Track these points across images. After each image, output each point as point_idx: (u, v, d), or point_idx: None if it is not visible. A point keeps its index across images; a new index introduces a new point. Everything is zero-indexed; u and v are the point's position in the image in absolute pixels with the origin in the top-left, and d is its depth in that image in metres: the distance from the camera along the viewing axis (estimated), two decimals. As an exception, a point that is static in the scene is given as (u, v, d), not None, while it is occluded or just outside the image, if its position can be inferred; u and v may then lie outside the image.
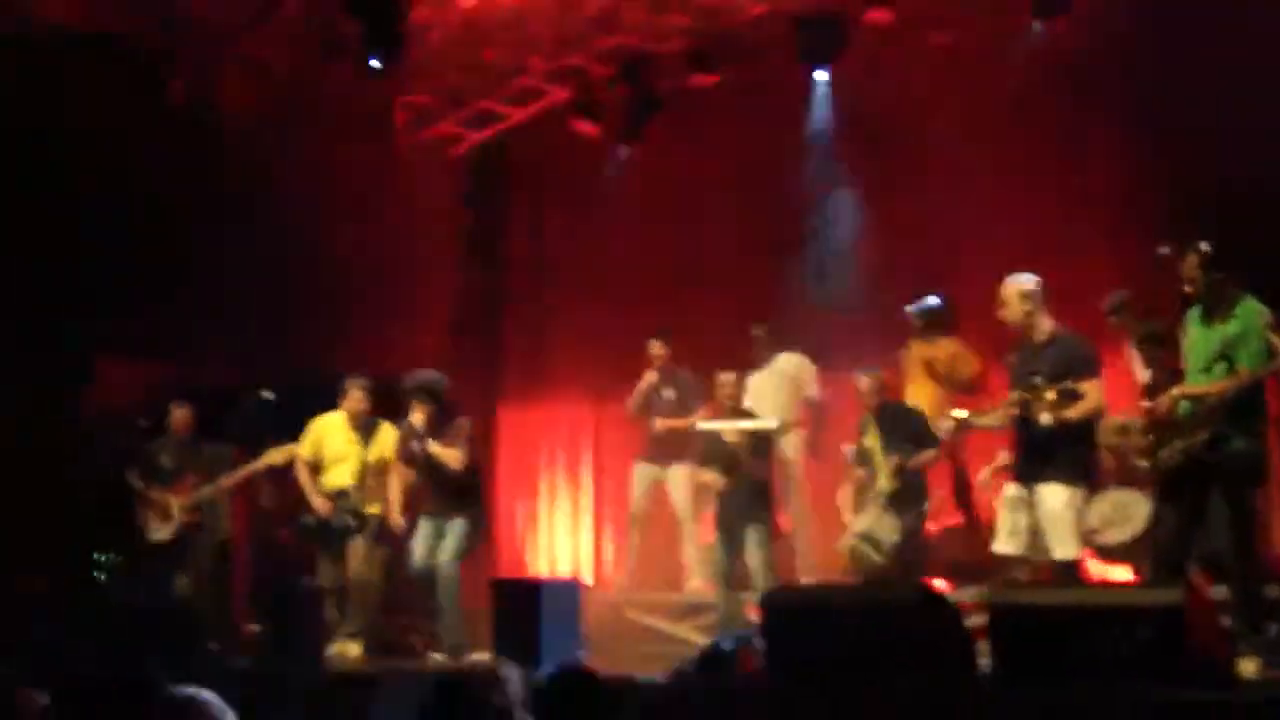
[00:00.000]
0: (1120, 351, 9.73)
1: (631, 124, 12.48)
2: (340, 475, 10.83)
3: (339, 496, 10.72)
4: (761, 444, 10.23)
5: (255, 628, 10.94)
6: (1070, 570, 8.35)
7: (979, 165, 11.08)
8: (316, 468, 10.89)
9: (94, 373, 12.25)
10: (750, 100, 12.36)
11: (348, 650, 10.36)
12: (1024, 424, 8.44)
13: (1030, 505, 8.43)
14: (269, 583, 11.28)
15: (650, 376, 12.09)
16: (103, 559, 12.05)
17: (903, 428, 9.82)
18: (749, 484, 10.14)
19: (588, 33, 12.23)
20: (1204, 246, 7.79)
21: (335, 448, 10.90)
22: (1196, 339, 7.89)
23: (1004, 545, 8.55)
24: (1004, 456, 9.22)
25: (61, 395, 11.95)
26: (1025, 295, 8.50)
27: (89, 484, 11.45)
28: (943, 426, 9.33)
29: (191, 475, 11.41)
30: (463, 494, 10.46)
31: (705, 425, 10.52)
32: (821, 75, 11.97)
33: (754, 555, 10.04)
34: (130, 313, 11.88)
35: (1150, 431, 8.05)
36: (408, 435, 10.43)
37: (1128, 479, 9.49)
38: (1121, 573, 9.39)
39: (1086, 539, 9.43)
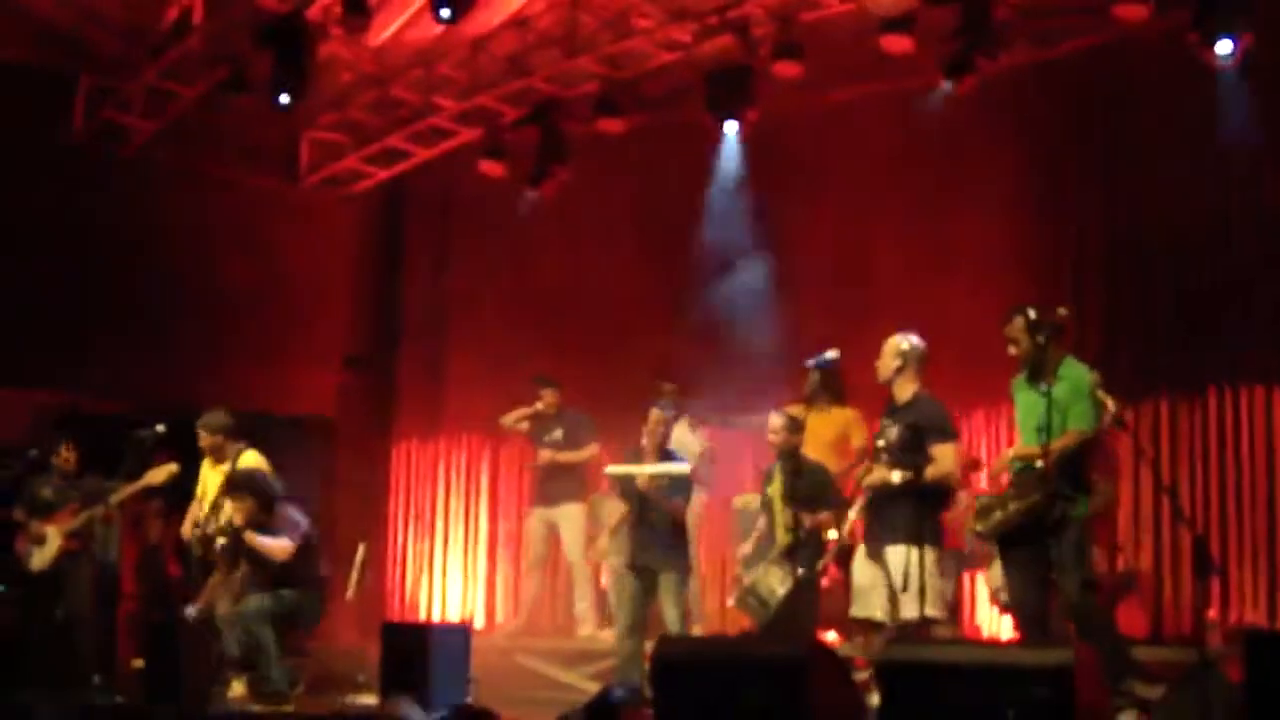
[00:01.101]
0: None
1: (538, 167, 12.46)
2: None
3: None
4: (679, 486, 10.12)
5: (139, 662, 10.76)
6: (915, 629, 8.36)
7: (884, 217, 11.17)
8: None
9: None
10: (658, 147, 12.42)
11: (234, 689, 10.18)
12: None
13: (881, 567, 8.53)
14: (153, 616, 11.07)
15: (537, 406, 12.09)
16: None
17: (805, 482, 9.76)
18: (666, 526, 10.03)
19: (498, 75, 12.22)
20: (1030, 311, 7.95)
21: (206, 481, 10.84)
22: (1025, 402, 8.05)
23: (857, 609, 8.65)
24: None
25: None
26: (898, 353, 8.62)
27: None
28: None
29: (73, 505, 11.27)
30: (288, 573, 10.06)
31: (614, 470, 10.41)
32: (730, 125, 12.00)
33: (669, 604, 9.92)
34: (19, 341, 11.73)
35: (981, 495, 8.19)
36: (225, 530, 10.13)
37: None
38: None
39: (992, 597, 9.52)
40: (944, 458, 8.43)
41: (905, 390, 8.63)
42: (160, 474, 10.90)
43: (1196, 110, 10.17)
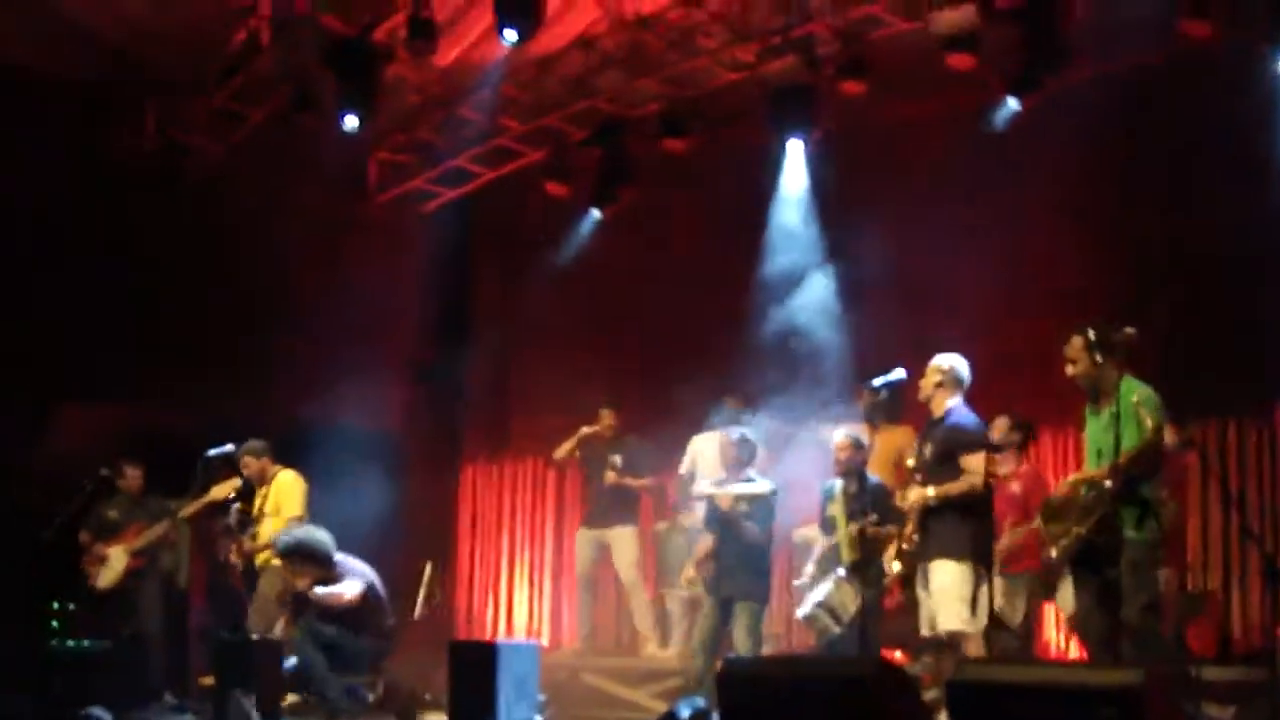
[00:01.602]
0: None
1: (603, 187, 12.50)
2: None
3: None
4: (759, 510, 10.12)
5: (209, 680, 10.84)
6: (954, 643, 8.40)
7: (949, 235, 11.13)
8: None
9: (51, 420, 12.16)
10: (722, 166, 12.43)
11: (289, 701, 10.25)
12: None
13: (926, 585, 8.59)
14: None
15: (584, 431, 12.14)
16: (58, 607, 11.96)
17: (867, 499, 9.75)
18: (747, 552, 10.03)
19: (562, 95, 12.28)
20: (1090, 331, 7.89)
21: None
22: (1092, 424, 8.03)
23: (923, 627, 8.72)
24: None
25: (16, 445, 11.86)
26: (938, 372, 8.67)
27: (42, 538, 11.34)
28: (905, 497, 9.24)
29: (138, 524, 11.44)
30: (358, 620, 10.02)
31: (701, 490, 10.45)
32: (794, 143, 12.00)
33: (744, 633, 9.91)
34: (90, 357, 11.85)
35: (1053, 518, 8.12)
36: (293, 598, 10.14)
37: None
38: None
39: (1067, 620, 9.50)
40: (972, 470, 8.45)
41: (940, 408, 8.68)
42: (224, 489, 11.10)
43: (1263, 124, 10.10)
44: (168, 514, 11.36)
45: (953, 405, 8.69)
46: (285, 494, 11.04)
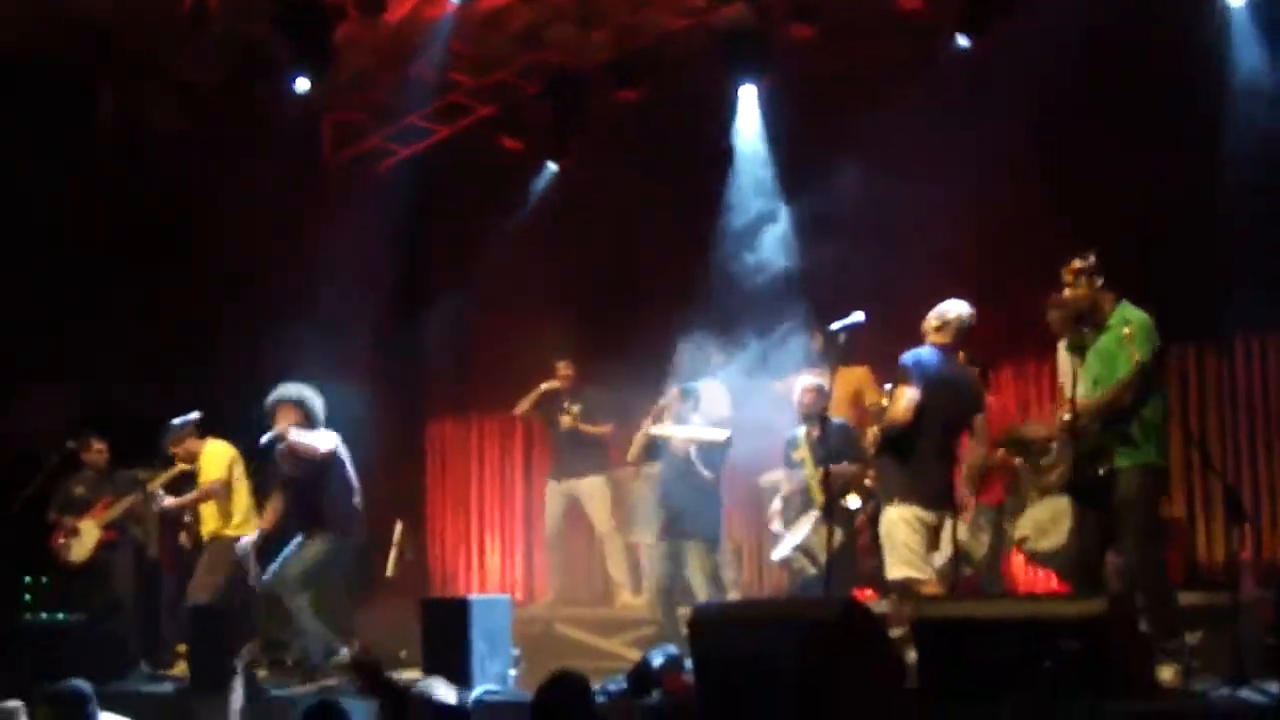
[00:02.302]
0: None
1: (557, 140, 12.50)
2: None
3: None
4: (711, 454, 10.20)
5: (183, 648, 10.89)
6: (901, 589, 8.45)
7: (906, 178, 11.13)
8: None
9: (17, 397, 12.16)
10: (675, 114, 12.40)
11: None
12: None
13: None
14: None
15: (543, 386, 12.24)
16: (30, 581, 12.01)
17: (832, 440, 9.82)
18: (697, 492, 10.10)
19: (513, 49, 12.25)
20: (1090, 255, 7.89)
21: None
22: (1087, 354, 7.97)
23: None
24: None
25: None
26: (940, 315, 8.66)
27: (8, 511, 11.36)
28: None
29: (106, 498, 11.51)
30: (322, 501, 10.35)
31: (656, 430, 10.47)
32: (747, 89, 12.01)
33: (696, 567, 10.01)
34: (52, 336, 11.85)
35: (1047, 449, 8.14)
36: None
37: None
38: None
39: (1019, 546, 9.55)
40: (895, 402, 8.46)
41: None
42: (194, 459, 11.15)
43: (1218, 49, 10.13)
44: (135, 486, 11.40)
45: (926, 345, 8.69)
46: (208, 463, 11.16)
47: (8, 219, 11.78)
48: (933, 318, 8.67)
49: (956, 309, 8.65)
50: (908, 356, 8.54)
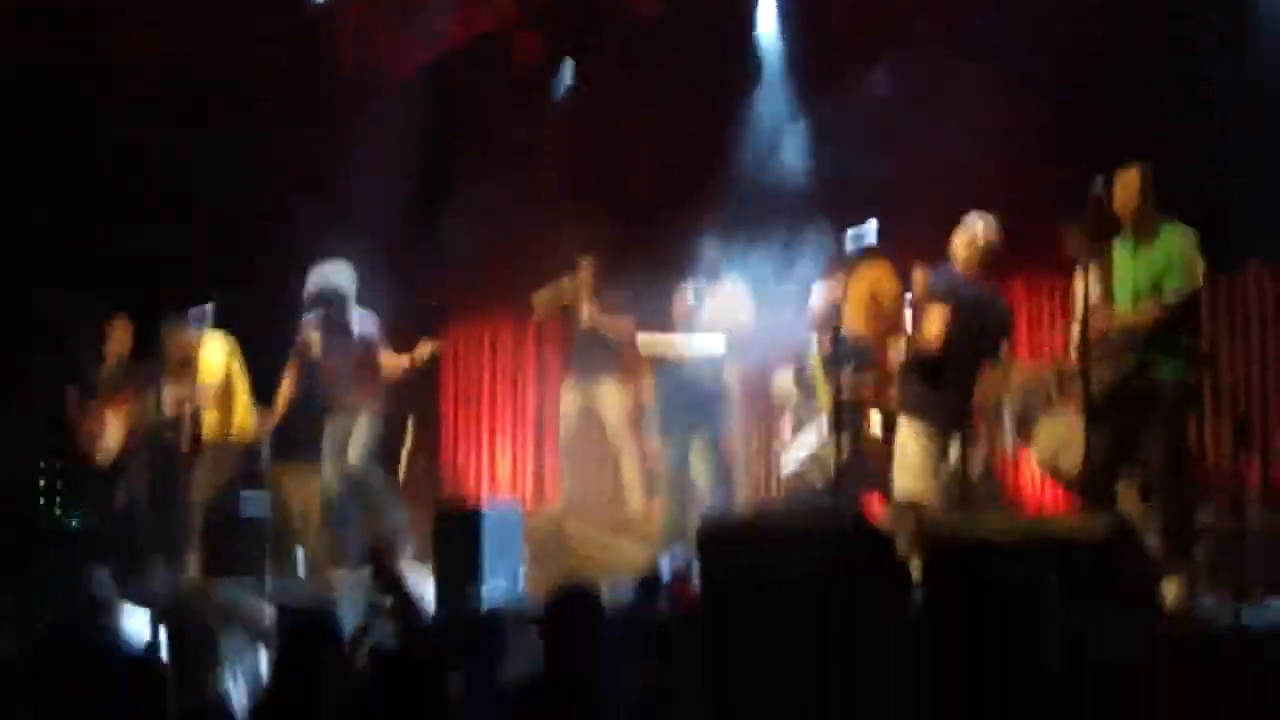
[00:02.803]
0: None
1: (576, 43, 12.43)
2: None
3: None
4: (709, 361, 10.20)
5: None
6: (908, 504, 8.53)
7: (921, 78, 11.03)
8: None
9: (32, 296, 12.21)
10: (696, 14, 12.31)
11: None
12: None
13: None
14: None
15: (564, 282, 12.19)
16: (43, 484, 12.06)
17: (844, 349, 9.82)
18: (696, 392, 10.12)
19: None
20: (1144, 168, 7.84)
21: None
22: (1124, 265, 7.92)
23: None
24: None
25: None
26: (966, 232, 8.63)
27: (29, 404, 11.42)
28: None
29: (129, 390, 11.43)
30: None
31: (647, 342, 10.47)
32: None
33: (700, 462, 10.04)
34: (71, 232, 11.90)
35: (1080, 360, 8.07)
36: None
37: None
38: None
39: (1039, 463, 9.60)
40: (928, 322, 8.49)
41: None
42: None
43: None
44: (155, 380, 11.36)
45: (955, 264, 8.66)
46: (205, 364, 11.14)
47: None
48: (960, 234, 8.64)
49: (986, 232, 8.62)
50: (938, 275, 8.53)
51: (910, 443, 8.41)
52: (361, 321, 10.68)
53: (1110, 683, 6.30)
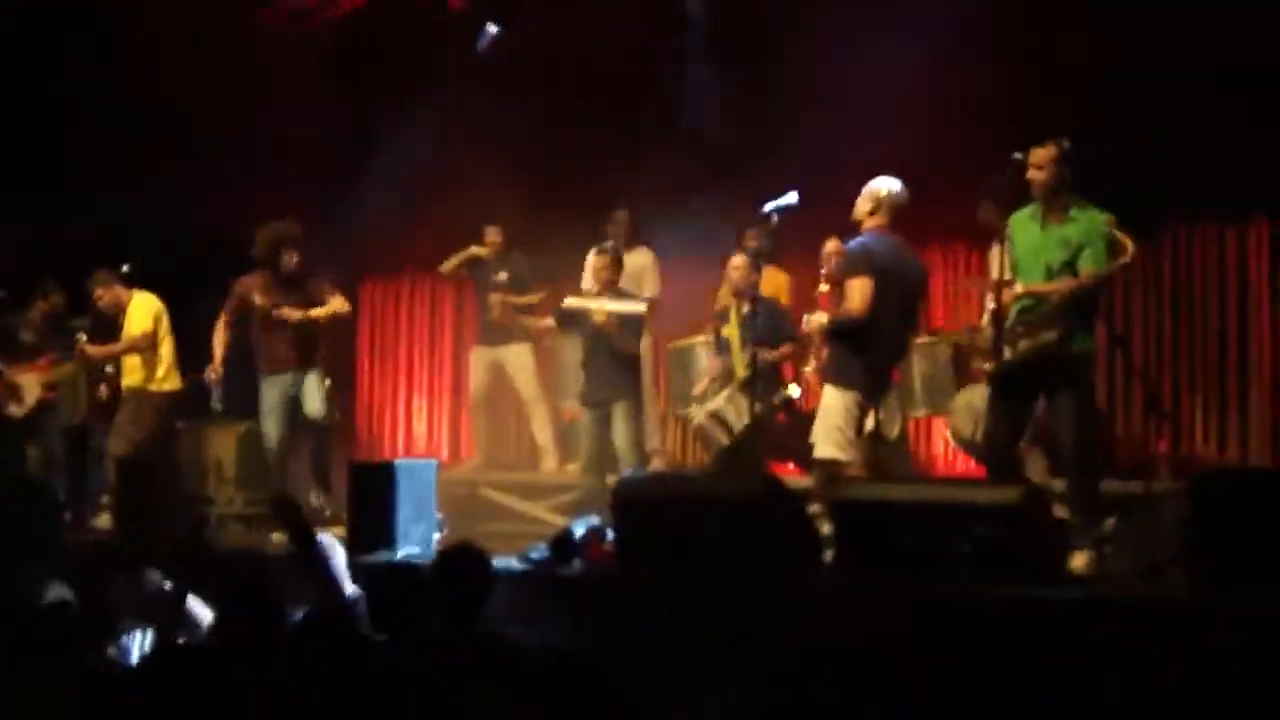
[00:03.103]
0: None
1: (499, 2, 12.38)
2: None
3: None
4: (631, 323, 10.22)
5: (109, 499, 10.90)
6: (825, 469, 8.53)
7: (857, 50, 11.01)
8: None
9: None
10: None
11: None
12: None
13: None
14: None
15: (472, 250, 12.25)
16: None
17: (762, 319, 9.86)
18: (617, 360, 10.13)
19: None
20: (1063, 141, 7.91)
21: None
22: (1034, 240, 7.96)
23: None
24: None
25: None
26: (874, 198, 8.63)
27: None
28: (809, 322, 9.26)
29: (54, 352, 11.43)
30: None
31: (571, 303, 10.47)
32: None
33: (620, 432, 10.06)
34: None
35: (992, 330, 8.12)
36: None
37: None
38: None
39: (956, 438, 9.70)
40: (851, 294, 8.47)
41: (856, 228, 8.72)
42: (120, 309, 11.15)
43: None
44: (75, 344, 11.28)
45: (867, 230, 8.67)
46: (135, 313, 11.12)
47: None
48: (864, 200, 8.67)
49: (886, 185, 8.64)
50: (856, 246, 8.55)
51: (836, 410, 8.45)
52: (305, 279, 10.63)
53: (1012, 648, 6.39)
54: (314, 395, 10.54)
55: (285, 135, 12.68)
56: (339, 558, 7.00)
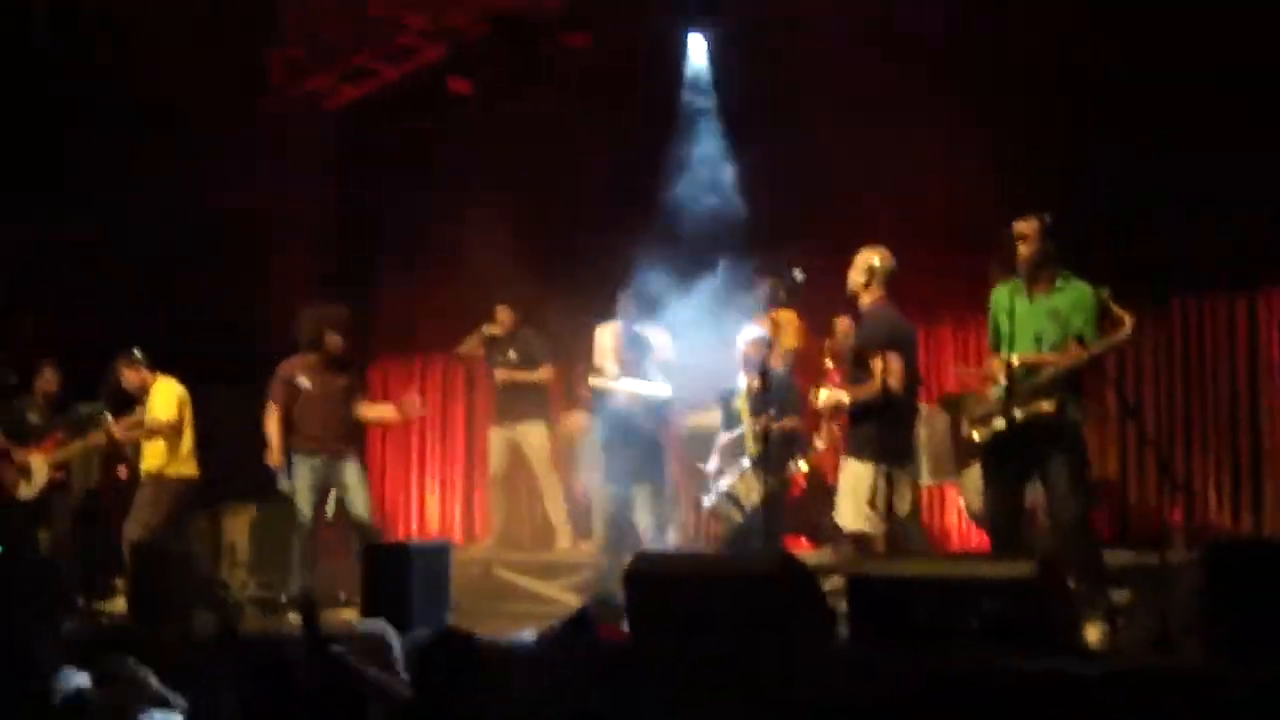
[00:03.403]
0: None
1: (506, 84, 12.47)
2: None
3: None
4: (654, 406, 10.25)
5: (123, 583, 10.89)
6: (855, 541, 8.59)
7: (853, 122, 11.10)
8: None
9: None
10: (625, 59, 12.37)
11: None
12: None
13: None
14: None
15: (485, 329, 12.29)
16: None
17: (772, 392, 9.87)
18: (640, 441, 10.15)
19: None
20: (1046, 217, 7.97)
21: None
22: (1021, 311, 8.02)
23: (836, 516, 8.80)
24: None
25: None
26: (866, 268, 8.68)
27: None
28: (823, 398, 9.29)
29: (60, 433, 11.44)
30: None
31: (597, 383, 10.51)
32: (696, 36, 12.05)
33: (644, 514, 10.07)
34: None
35: (982, 400, 8.15)
36: None
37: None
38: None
39: (969, 512, 9.68)
40: (886, 371, 8.50)
41: (864, 303, 8.75)
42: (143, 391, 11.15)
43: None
44: (90, 423, 11.32)
45: (872, 304, 8.72)
46: (157, 401, 11.11)
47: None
48: (858, 272, 8.71)
49: (876, 255, 8.70)
50: (880, 323, 8.60)
51: (865, 483, 8.47)
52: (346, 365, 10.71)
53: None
54: (359, 493, 10.56)
55: (291, 222, 12.75)
56: (397, 647, 6.99)
